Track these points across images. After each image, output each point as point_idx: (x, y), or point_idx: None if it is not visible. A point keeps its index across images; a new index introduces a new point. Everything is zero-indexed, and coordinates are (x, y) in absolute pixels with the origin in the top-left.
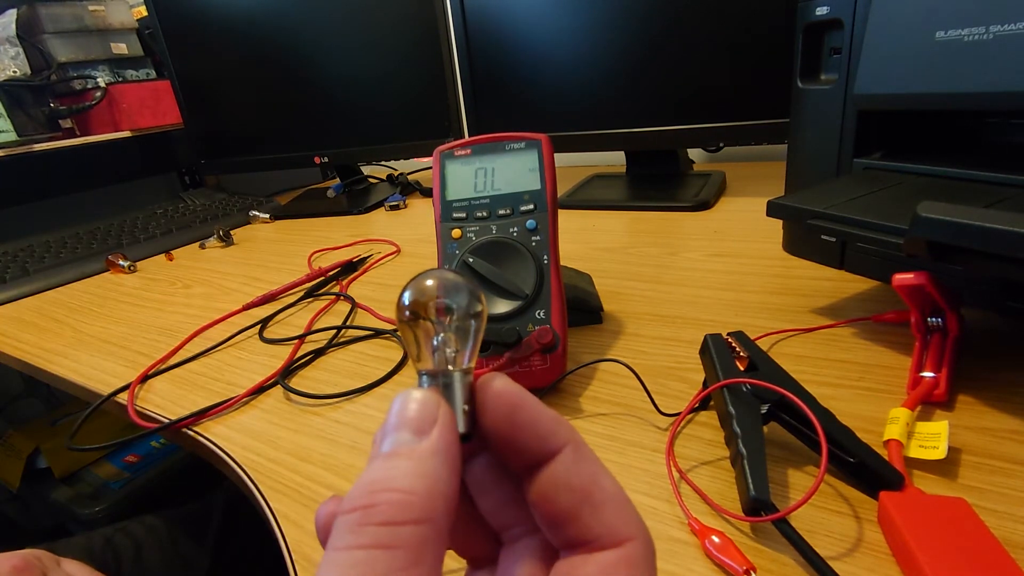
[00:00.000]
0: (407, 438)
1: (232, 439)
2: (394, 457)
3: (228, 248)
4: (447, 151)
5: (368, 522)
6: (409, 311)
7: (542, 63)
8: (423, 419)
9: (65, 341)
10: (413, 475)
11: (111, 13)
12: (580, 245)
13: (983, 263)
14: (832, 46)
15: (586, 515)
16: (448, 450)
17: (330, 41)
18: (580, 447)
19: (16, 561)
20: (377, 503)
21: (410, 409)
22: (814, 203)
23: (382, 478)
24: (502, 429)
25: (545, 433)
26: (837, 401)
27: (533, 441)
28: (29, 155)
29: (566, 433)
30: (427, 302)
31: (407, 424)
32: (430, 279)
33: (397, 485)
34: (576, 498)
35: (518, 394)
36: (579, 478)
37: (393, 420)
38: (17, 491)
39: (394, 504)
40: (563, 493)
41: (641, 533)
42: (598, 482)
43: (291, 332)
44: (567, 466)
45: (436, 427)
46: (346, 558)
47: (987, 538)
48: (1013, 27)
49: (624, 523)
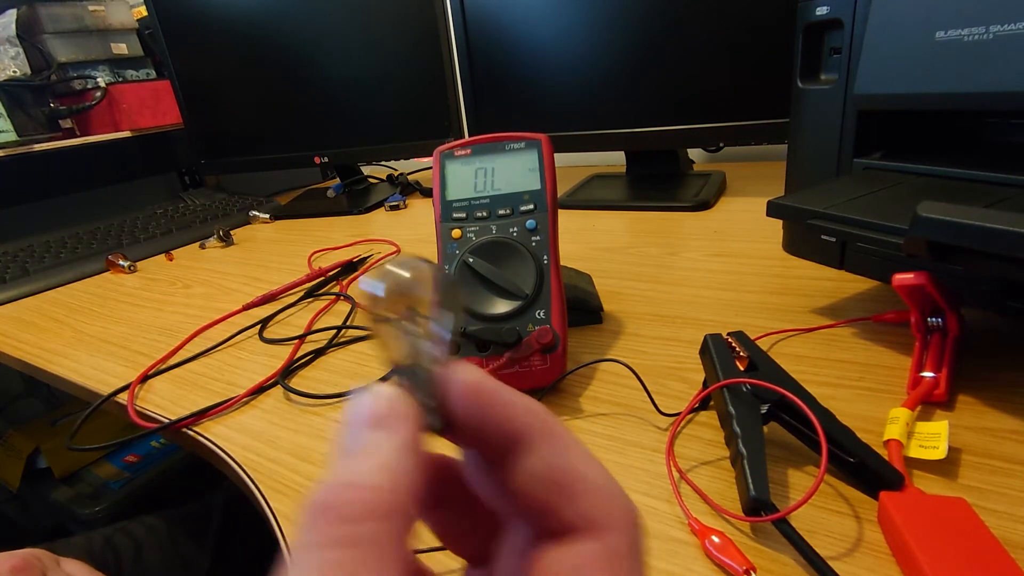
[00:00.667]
0: (370, 435)
1: (232, 439)
2: (357, 455)
3: (228, 248)
4: (447, 151)
5: (331, 520)
6: (376, 303)
7: (542, 63)
8: (385, 414)
9: (65, 341)
10: (376, 471)
11: (111, 13)
12: (580, 245)
13: (983, 263)
14: (832, 46)
15: (564, 506)
16: (412, 444)
17: (330, 41)
18: (555, 434)
19: (16, 561)
20: (340, 501)
21: (371, 406)
22: (814, 203)
23: (345, 475)
24: (471, 422)
25: (516, 424)
26: (837, 401)
27: (504, 433)
28: (29, 155)
29: (538, 421)
30: (394, 292)
31: (369, 421)
32: (396, 267)
33: (360, 482)
34: (553, 489)
35: (484, 384)
36: (555, 468)
37: (355, 419)
38: (17, 491)
39: (357, 502)
40: (539, 484)
41: (624, 520)
42: (576, 470)
43: (291, 332)
44: (541, 456)
45: (399, 421)
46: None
47: (987, 538)
48: (1013, 27)
49: (605, 511)
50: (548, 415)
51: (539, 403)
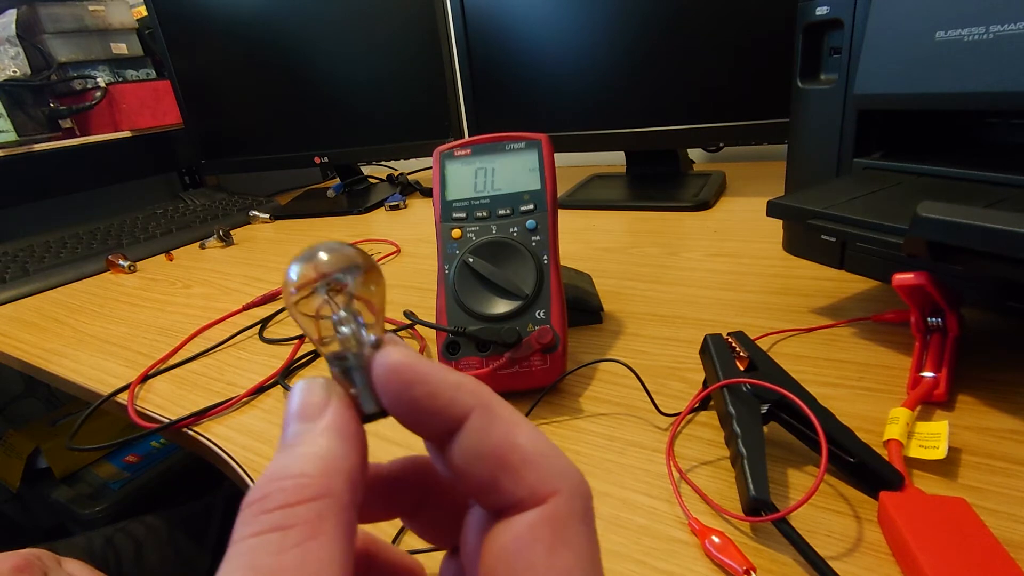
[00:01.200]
0: (299, 427)
1: (232, 439)
2: (288, 448)
3: (228, 248)
4: (447, 151)
5: (263, 510)
6: (296, 291)
7: (542, 63)
8: (312, 405)
9: (65, 341)
10: (305, 458)
11: (111, 13)
12: (580, 245)
13: (983, 263)
14: (832, 46)
15: (505, 481)
16: (342, 428)
17: (330, 41)
18: (488, 409)
19: (17, 561)
20: (270, 492)
21: (298, 399)
22: (814, 203)
23: (276, 468)
24: (402, 405)
25: (445, 403)
26: (837, 401)
27: (436, 415)
28: (29, 155)
29: (470, 398)
30: (313, 279)
31: (298, 414)
32: (316, 254)
33: (290, 471)
34: (491, 465)
35: (412, 367)
36: (490, 444)
37: (288, 414)
38: (17, 491)
39: (287, 489)
40: (477, 463)
41: (567, 483)
42: (512, 443)
43: (291, 332)
44: (476, 433)
45: (327, 409)
46: (240, 548)
47: (987, 538)
48: (1013, 27)
49: (544, 480)
50: (482, 389)
51: (473, 379)
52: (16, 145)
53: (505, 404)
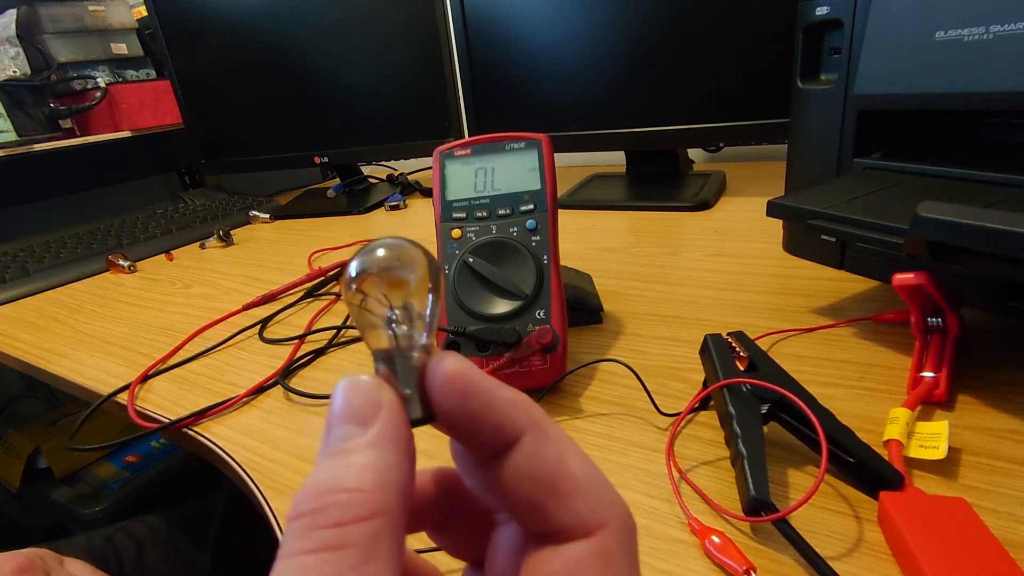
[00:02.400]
0: (350, 431)
1: (232, 439)
2: (339, 454)
3: (228, 248)
4: (447, 151)
5: (316, 526)
6: (356, 286)
7: (542, 63)
8: (365, 408)
9: (65, 341)
10: (360, 470)
11: (111, 13)
12: (580, 245)
13: (983, 263)
14: (832, 46)
15: (552, 506)
16: (395, 437)
17: (330, 41)
18: (543, 430)
19: (19, 560)
20: (324, 506)
21: (350, 399)
22: (814, 203)
23: (329, 478)
24: (456, 416)
25: (501, 420)
26: (837, 401)
27: (489, 427)
28: (29, 155)
29: (525, 417)
30: (375, 276)
31: (348, 416)
32: (379, 249)
33: (344, 484)
34: (540, 489)
35: (469, 377)
36: (542, 467)
37: (334, 414)
38: (17, 491)
39: (342, 504)
40: (526, 484)
41: (615, 518)
42: (564, 469)
43: (291, 332)
44: (528, 454)
45: (380, 414)
46: (294, 564)
47: (987, 538)
48: (1013, 27)
49: (594, 510)
50: (535, 408)
51: (526, 396)
52: (16, 145)
53: (556, 426)
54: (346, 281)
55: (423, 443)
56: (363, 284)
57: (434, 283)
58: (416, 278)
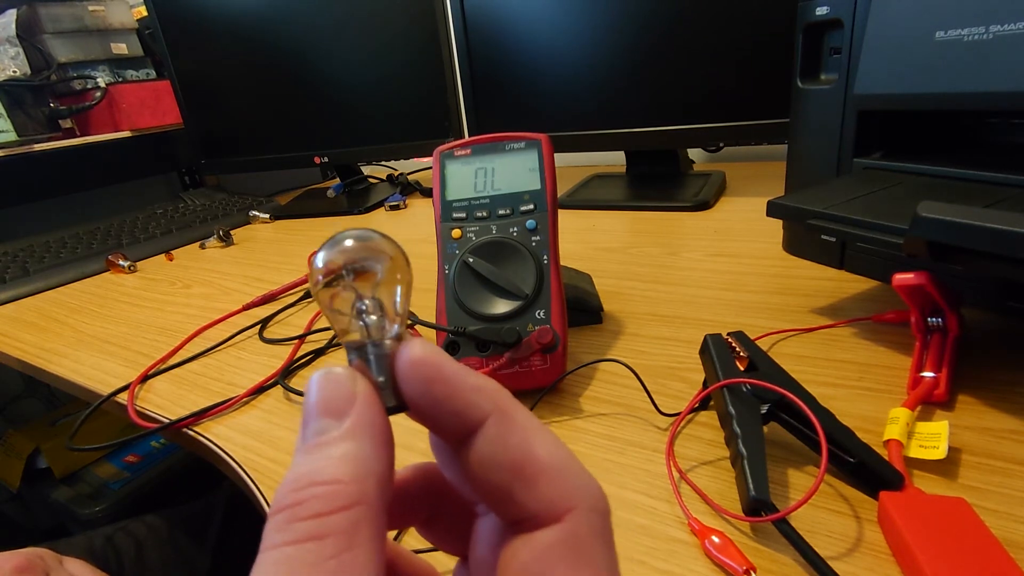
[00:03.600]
0: (325, 424)
1: (232, 439)
2: (316, 447)
3: (228, 248)
4: (447, 151)
5: (296, 518)
6: (322, 277)
7: (542, 63)
8: (339, 400)
9: (65, 341)
10: (337, 461)
11: (111, 13)
12: (580, 245)
13: (983, 263)
14: (832, 46)
15: (519, 492)
16: (371, 426)
17: (330, 41)
18: (506, 415)
19: (19, 560)
20: (303, 499)
21: (323, 392)
22: (814, 203)
23: (306, 472)
24: (421, 403)
25: (463, 405)
26: (837, 401)
27: (452, 415)
28: (29, 155)
29: (488, 403)
30: (340, 266)
31: (323, 409)
32: (345, 240)
33: (322, 477)
34: (507, 475)
35: (434, 363)
36: (506, 452)
37: (309, 408)
38: (17, 491)
39: (321, 497)
40: (492, 470)
41: (584, 499)
42: (529, 454)
43: (291, 332)
44: (491, 440)
45: (354, 405)
46: (275, 556)
47: (987, 538)
48: (1013, 27)
49: (562, 494)
50: (501, 394)
51: (493, 382)
52: (16, 145)
53: (523, 410)
54: (313, 273)
55: (412, 438)
56: (330, 276)
57: (402, 272)
58: (384, 268)
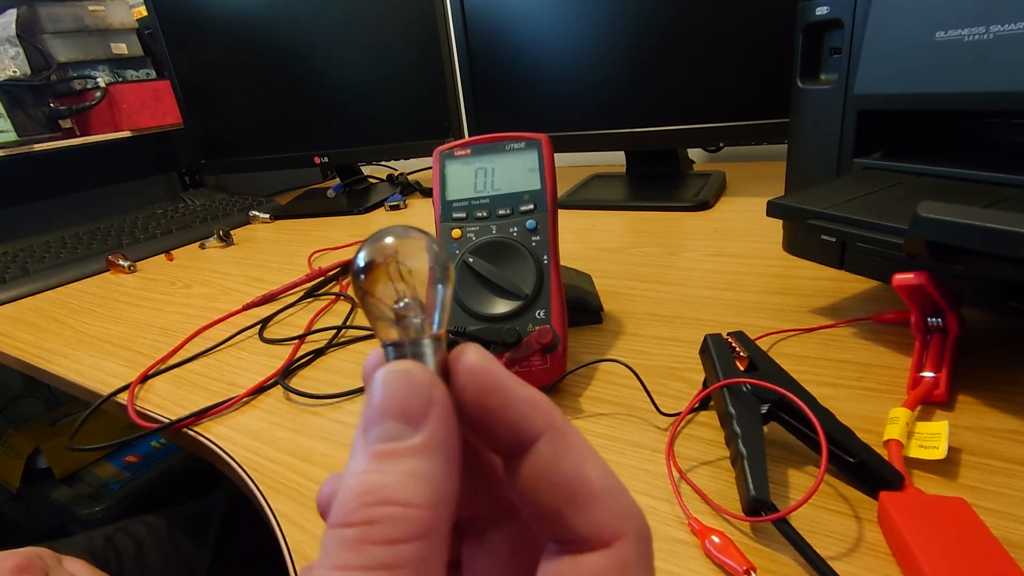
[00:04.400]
0: (397, 430)
1: (232, 439)
2: (385, 457)
3: (228, 248)
4: (447, 151)
5: (367, 540)
6: (365, 275)
7: (542, 63)
8: (416, 404)
9: (65, 341)
10: (413, 481)
11: (111, 13)
12: (580, 245)
13: (983, 263)
14: (832, 46)
15: (569, 514)
16: (448, 442)
17: (330, 41)
18: (560, 434)
19: (18, 560)
20: (376, 519)
21: (396, 392)
22: (814, 203)
23: (376, 485)
24: (473, 412)
25: (517, 420)
26: (837, 401)
27: (504, 427)
28: (29, 155)
29: (543, 419)
30: (385, 262)
31: (396, 412)
32: (388, 237)
33: (397, 497)
34: (557, 495)
35: (491, 372)
36: (559, 473)
37: (376, 406)
38: (17, 491)
39: (396, 520)
40: (543, 489)
41: (633, 527)
42: (581, 475)
43: (291, 332)
44: (545, 459)
45: (432, 414)
46: None
47: (987, 538)
48: (1013, 27)
49: (612, 520)
50: (554, 410)
51: (545, 396)
52: (16, 145)
53: (575, 429)
54: (355, 271)
55: None
56: (372, 274)
57: (444, 270)
58: (426, 266)
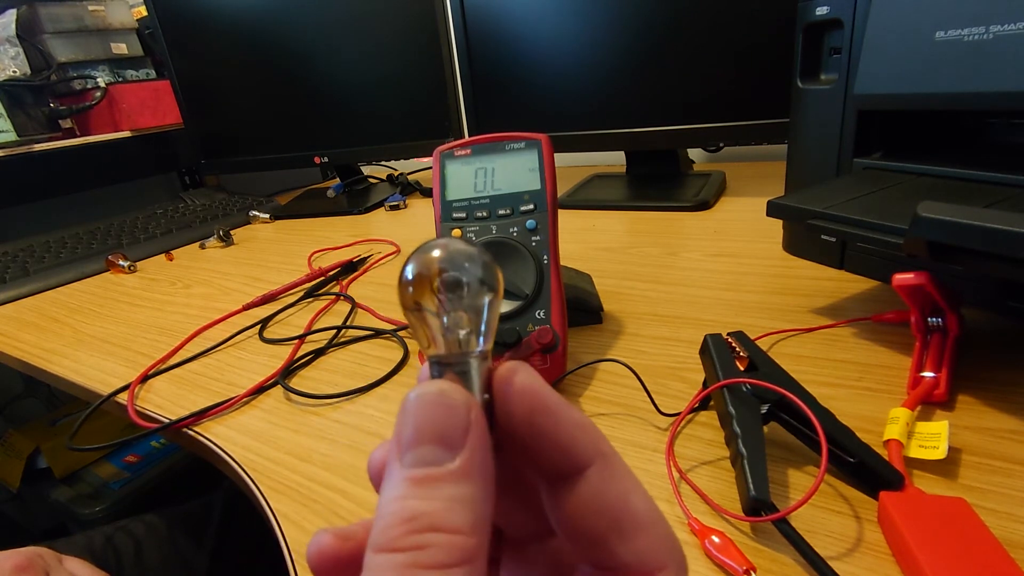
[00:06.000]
0: (435, 454)
1: (232, 439)
2: (425, 483)
3: (228, 248)
4: (447, 151)
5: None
6: (413, 287)
7: (542, 63)
8: (453, 428)
9: (65, 341)
10: (455, 505)
11: (111, 13)
12: (580, 245)
13: (983, 263)
14: (832, 46)
15: (614, 542)
16: (485, 464)
17: (330, 41)
18: (609, 462)
19: (19, 559)
20: (425, 545)
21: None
22: (814, 203)
23: (420, 511)
24: (521, 434)
25: (566, 443)
26: (837, 401)
27: (555, 452)
28: (29, 155)
29: (592, 445)
30: (434, 276)
31: (433, 436)
32: (436, 249)
33: (443, 524)
34: (603, 523)
35: (541, 393)
36: (606, 501)
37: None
38: (17, 491)
39: (444, 547)
40: (588, 516)
41: (675, 559)
42: (628, 505)
43: (291, 332)
44: (595, 487)
45: (470, 437)
46: None
47: (987, 538)
48: (1013, 27)
49: (656, 552)
50: (601, 436)
51: (591, 421)
52: (16, 145)
53: (619, 456)
54: (403, 283)
55: None
56: (420, 286)
57: (494, 284)
58: (475, 279)
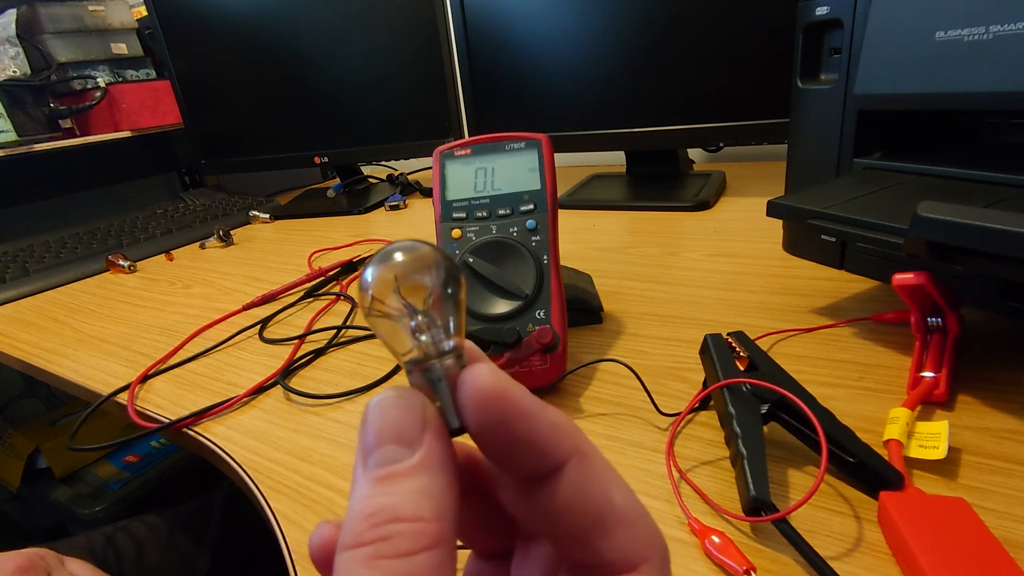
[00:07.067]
0: (395, 452)
1: (232, 439)
2: (387, 480)
3: (228, 248)
4: (447, 151)
5: (382, 555)
6: (373, 295)
7: (542, 63)
8: (408, 426)
9: (65, 341)
10: (417, 497)
11: (111, 13)
12: (580, 245)
13: (983, 263)
14: (832, 46)
15: (596, 539)
16: (444, 457)
17: (330, 40)
18: (586, 459)
19: (21, 560)
20: (388, 536)
21: (390, 417)
22: (814, 203)
23: (382, 506)
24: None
25: (543, 446)
26: (837, 401)
27: (531, 454)
28: (29, 155)
29: (568, 443)
30: (392, 281)
31: (391, 436)
32: (395, 253)
33: (404, 513)
34: (584, 521)
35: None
36: (586, 498)
37: (372, 433)
38: (17, 491)
39: (407, 535)
40: (569, 514)
41: (656, 552)
42: (608, 501)
43: (291, 332)
44: (574, 485)
45: (425, 433)
46: None
47: (987, 538)
48: (1013, 27)
49: (638, 546)
50: (576, 432)
51: (566, 417)
52: (16, 145)
53: (598, 452)
54: (362, 288)
55: None
56: (380, 290)
57: (455, 285)
58: (435, 281)
